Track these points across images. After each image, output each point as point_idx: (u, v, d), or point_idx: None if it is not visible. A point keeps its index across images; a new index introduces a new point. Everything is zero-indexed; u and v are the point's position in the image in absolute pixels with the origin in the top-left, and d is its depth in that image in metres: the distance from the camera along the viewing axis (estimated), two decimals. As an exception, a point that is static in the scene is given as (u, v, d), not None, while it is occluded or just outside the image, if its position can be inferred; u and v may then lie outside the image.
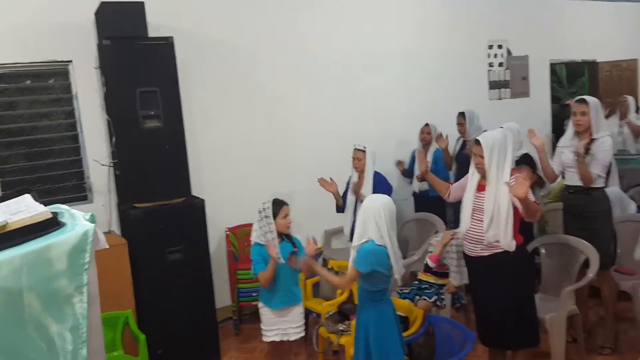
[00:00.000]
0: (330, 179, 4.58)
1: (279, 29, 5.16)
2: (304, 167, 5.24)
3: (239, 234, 4.98)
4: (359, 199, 4.45)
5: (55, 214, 1.37)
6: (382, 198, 2.94)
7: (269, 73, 5.12)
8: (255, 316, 4.85)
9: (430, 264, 3.79)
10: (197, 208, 4.13)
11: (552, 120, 7.36)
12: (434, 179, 3.65)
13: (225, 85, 4.90)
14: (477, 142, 3.07)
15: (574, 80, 9.67)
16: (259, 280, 3.41)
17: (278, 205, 3.40)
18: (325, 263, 4.94)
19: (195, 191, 4.30)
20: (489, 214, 3.01)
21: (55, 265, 1.24)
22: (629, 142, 6.18)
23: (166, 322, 3.90)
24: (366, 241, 2.82)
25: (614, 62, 7.88)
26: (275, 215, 3.36)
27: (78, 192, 4.32)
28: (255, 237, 3.43)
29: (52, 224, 1.31)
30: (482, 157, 3.03)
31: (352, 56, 5.55)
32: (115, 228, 4.37)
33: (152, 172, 3.94)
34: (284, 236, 3.42)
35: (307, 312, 3.95)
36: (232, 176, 4.93)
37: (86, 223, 1.35)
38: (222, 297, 4.73)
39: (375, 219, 2.80)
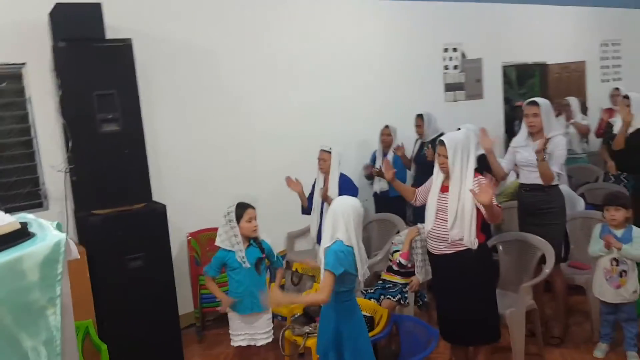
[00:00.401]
0: (296, 179, 4.58)
1: (241, 31, 5.14)
2: (268, 169, 5.23)
3: (200, 239, 4.92)
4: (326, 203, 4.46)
5: (24, 224, 1.33)
6: (351, 200, 2.96)
7: (232, 75, 5.09)
8: (219, 322, 4.85)
9: (403, 261, 3.85)
10: (158, 213, 4.06)
11: (504, 121, 7.59)
12: (401, 185, 3.73)
13: (187, 88, 4.84)
14: (442, 142, 3.14)
15: (523, 81, 9.98)
16: (205, 282, 3.49)
17: (241, 208, 3.37)
18: (289, 265, 4.94)
19: (156, 196, 4.22)
20: (453, 213, 3.09)
21: (28, 277, 1.20)
22: (575, 142, 6.43)
23: (128, 331, 3.81)
24: (334, 242, 2.82)
25: (563, 64, 8.17)
26: (238, 218, 3.34)
27: (33, 199, 4.17)
28: (219, 242, 3.40)
29: (21, 235, 1.27)
30: (446, 157, 3.11)
31: (314, 59, 5.59)
32: (73, 236, 4.24)
33: (110, 178, 3.85)
34: (252, 240, 3.39)
35: (273, 316, 3.94)
36: (193, 180, 4.87)
37: (57, 233, 1.31)
38: (185, 303, 4.65)
39: (344, 220, 2.81)
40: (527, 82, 9.85)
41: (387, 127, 5.54)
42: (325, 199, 4.48)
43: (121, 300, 3.80)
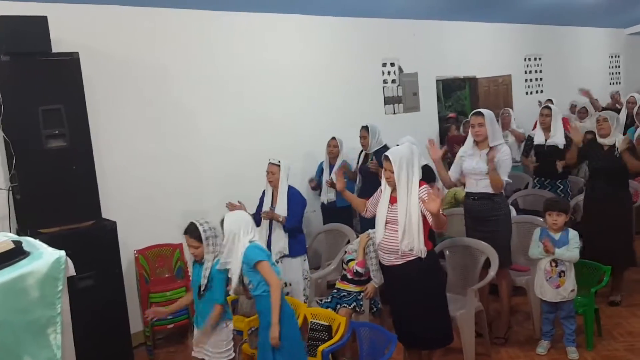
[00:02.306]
0: (239, 202, 4.49)
1: (188, 46, 5.12)
2: (216, 183, 5.21)
3: (149, 256, 4.82)
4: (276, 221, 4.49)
5: (17, 242, 1.30)
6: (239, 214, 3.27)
7: (180, 90, 5.05)
8: (170, 340, 4.77)
9: (360, 270, 3.93)
10: (108, 231, 3.97)
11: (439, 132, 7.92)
12: (351, 197, 3.81)
13: (134, 102, 4.75)
14: (387, 157, 3.26)
15: (450, 95, 10.48)
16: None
17: (185, 231, 3.40)
18: (241, 280, 4.93)
19: (103, 212, 4.12)
20: (402, 225, 3.20)
21: (30, 295, 1.18)
22: (513, 149, 6.80)
23: (78, 352, 3.64)
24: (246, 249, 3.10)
25: (491, 78, 8.64)
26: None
27: (-29, 220, 3.96)
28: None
29: (17, 253, 1.24)
30: (392, 172, 3.23)
31: (259, 74, 5.63)
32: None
33: (57, 195, 3.74)
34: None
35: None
36: (140, 195, 4.77)
37: (55, 250, 1.29)
38: (134, 322, 4.53)
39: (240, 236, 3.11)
40: (452, 95, 10.35)
41: (333, 138, 5.66)
42: (273, 218, 4.49)
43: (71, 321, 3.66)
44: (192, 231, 3.34)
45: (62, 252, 1.29)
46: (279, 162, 4.55)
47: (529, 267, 4.27)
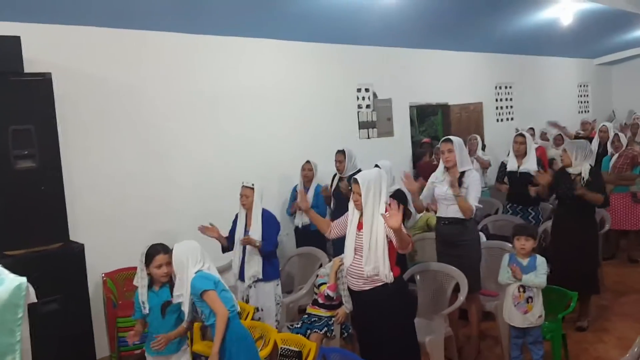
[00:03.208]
0: (211, 224, 4.47)
1: (165, 68, 5.15)
2: (188, 205, 5.18)
3: (117, 279, 4.74)
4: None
5: (-24, 268, 1.28)
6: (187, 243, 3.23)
7: (154, 111, 5.05)
8: (138, 365, 4.66)
9: (331, 294, 3.93)
10: (75, 253, 3.91)
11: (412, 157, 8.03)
12: (316, 217, 3.82)
13: (107, 123, 4.75)
14: (355, 180, 3.29)
15: (424, 120, 10.65)
16: (135, 322, 3.37)
17: (152, 253, 3.27)
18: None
19: (71, 235, 4.06)
20: (367, 247, 3.21)
21: (-12, 323, 1.16)
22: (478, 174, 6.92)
23: (42, 379, 3.57)
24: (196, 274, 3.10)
25: (463, 105, 8.82)
26: (148, 262, 3.24)
27: None
28: (135, 281, 3.31)
29: (-24, 280, 1.23)
30: (360, 194, 3.25)
31: (235, 97, 5.68)
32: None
33: (25, 216, 3.68)
34: (163, 284, 3.30)
35: (196, 356, 3.87)
36: (109, 217, 4.73)
37: (15, 276, 1.28)
38: (101, 347, 4.45)
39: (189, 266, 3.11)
40: (426, 121, 10.53)
41: (308, 162, 5.69)
42: (250, 244, 4.46)
43: (34, 347, 3.56)
44: (166, 248, 3.29)
45: (24, 279, 1.28)
46: (253, 185, 4.51)
47: (498, 292, 4.32)
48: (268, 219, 4.51)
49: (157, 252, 3.27)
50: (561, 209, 4.79)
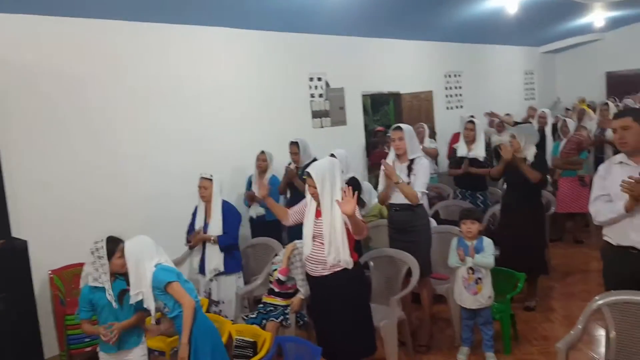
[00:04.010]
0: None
1: (112, 59, 4.99)
2: (140, 199, 5.07)
3: (65, 276, 4.59)
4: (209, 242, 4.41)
5: None
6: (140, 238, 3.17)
7: (99, 103, 4.89)
8: (89, 363, 4.55)
9: (282, 277, 3.94)
10: (18, 250, 3.77)
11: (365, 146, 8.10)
12: (274, 204, 3.81)
13: (51, 117, 4.57)
14: (308, 174, 3.30)
15: (377, 109, 10.73)
16: (81, 327, 3.25)
17: (113, 243, 3.20)
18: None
19: (14, 231, 3.90)
20: (328, 238, 3.25)
21: None
22: (428, 163, 7.04)
23: (-14, 381, 3.45)
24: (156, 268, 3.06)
25: (414, 94, 8.94)
26: (110, 254, 3.15)
27: None
28: (90, 281, 3.18)
29: None
30: (315, 187, 3.28)
31: (186, 87, 5.57)
32: None
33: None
34: (117, 275, 3.23)
35: (150, 351, 3.80)
36: (55, 213, 4.57)
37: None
38: (50, 346, 4.31)
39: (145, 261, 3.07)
40: (380, 110, 10.62)
41: (262, 152, 5.64)
42: (204, 240, 4.40)
43: (-23, 349, 3.44)
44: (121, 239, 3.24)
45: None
46: (211, 176, 4.45)
47: (448, 275, 4.42)
48: (228, 210, 4.46)
49: (117, 242, 3.20)
50: (509, 192, 4.93)
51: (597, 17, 10.39)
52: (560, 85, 13.56)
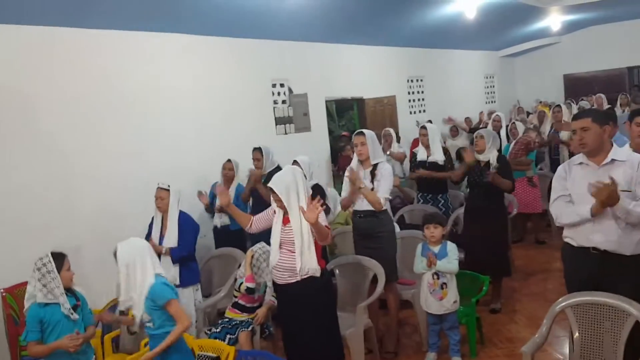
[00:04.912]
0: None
1: (57, 69, 4.78)
2: (91, 212, 4.89)
3: (18, 295, 4.37)
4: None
5: None
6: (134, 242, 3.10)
7: (49, 116, 4.69)
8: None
9: (250, 285, 3.86)
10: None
11: (330, 151, 8.07)
12: (236, 211, 3.73)
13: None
14: (271, 189, 3.26)
15: (342, 114, 10.76)
16: (28, 350, 3.11)
17: (59, 258, 3.14)
18: (124, 314, 4.63)
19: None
20: (299, 247, 3.21)
21: None
22: (396, 166, 7.08)
23: None
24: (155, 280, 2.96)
25: (377, 99, 8.97)
26: (59, 268, 3.10)
27: None
28: (40, 297, 3.06)
29: None
30: (280, 200, 3.24)
31: (144, 95, 5.42)
32: None
33: None
34: (67, 290, 3.15)
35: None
36: (5, 231, 4.36)
37: None
38: (2, 367, 4.12)
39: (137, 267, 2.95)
40: (345, 115, 10.65)
41: (229, 161, 5.52)
42: (159, 252, 4.28)
43: None
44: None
45: None
46: (169, 186, 4.37)
47: (415, 280, 4.40)
48: (185, 221, 4.37)
49: (62, 256, 3.15)
50: (472, 195, 4.96)
51: (554, 21, 10.65)
52: (519, 88, 13.86)
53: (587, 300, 2.96)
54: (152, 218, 4.50)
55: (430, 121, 7.87)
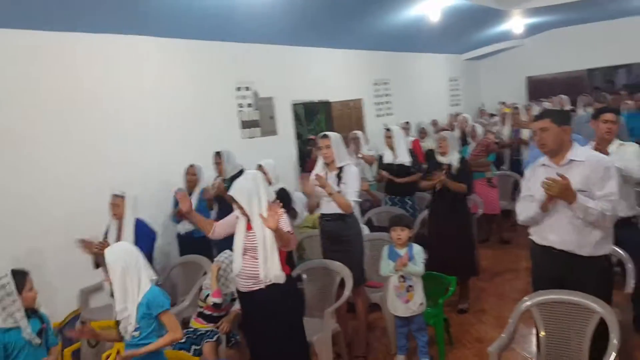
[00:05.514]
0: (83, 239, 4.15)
1: (16, 72, 4.61)
2: (53, 219, 4.72)
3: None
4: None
5: None
6: (124, 246, 3.01)
7: (7, 121, 4.51)
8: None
9: (218, 300, 3.76)
10: None
11: (298, 155, 8.01)
12: (198, 217, 3.65)
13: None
14: (232, 198, 3.20)
15: (311, 118, 10.72)
16: None
17: (21, 276, 2.94)
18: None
19: None
20: (262, 254, 3.15)
21: None
22: (366, 169, 7.07)
23: None
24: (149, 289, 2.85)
25: (344, 102, 8.96)
26: (20, 289, 2.90)
27: None
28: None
29: None
30: (242, 207, 3.19)
31: (103, 100, 5.25)
32: None
33: None
34: (29, 313, 2.96)
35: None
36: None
37: None
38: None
39: (131, 272, 2.83)
40: (314, 119, 10.62)
41: (192, 166, 5.42)
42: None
43: None
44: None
45: None
46: (123, 193, 4.28)
47: (383, 283, 4.37)
48: (141, 229, 4.27)
49: (24, 274, 2.95)
50: (436, 197, 4.99)
51: (516, 24, 10.83)
52: (483, 90, 14.06)
53: (552, 298, 2.98)
54: (107, 227, 4.38)
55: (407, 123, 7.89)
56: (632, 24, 12.12)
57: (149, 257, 4.29)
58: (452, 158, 4.78)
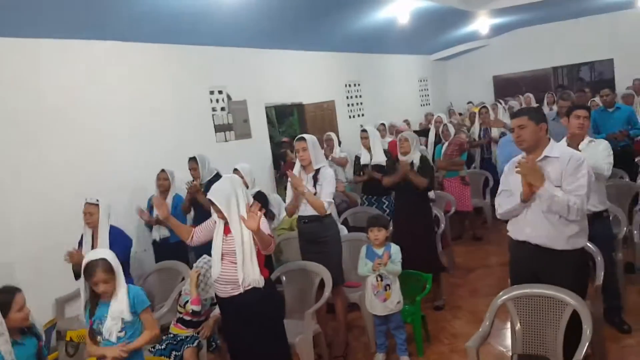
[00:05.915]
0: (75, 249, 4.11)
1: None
2: (27, 228, 4.63)
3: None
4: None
5: None
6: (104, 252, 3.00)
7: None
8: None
9: (196, 308, 3.74)
10: None
11: (272, 157, 8.02)
12: (176, 223, 3.64)
13: None
14: (211, 201, 3.20)
15: (283, 120, 10.74)
16: None
17: (7, 295, 2.71)
18: (61, 335, 4.42)
19: None
20: (240, 257, 3.15)
21: None
22: (339, 171, 7.13)
23: None
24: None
25: (317, 104, 9.00)
26: (5, 310, 2.64)
27: None
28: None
29: None
30: (220, 211, 3.19)
31: (71, 107, 5.16)
32: None
33: None
34: (24, 331, 2.80)
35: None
36: None
37: None
38: None
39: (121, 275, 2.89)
40: (286, 121, 10.63)
41: (163, 171, 5.39)
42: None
43: None
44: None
45: None
46: (97, 201, 4.22)
47: (361, 282, 4.43)
48: (116, 236, 4.22)
49: (13, 290, 2.75)
50: (398, 195, 5.10)
51: (482, 24, 11.04)
52: (452, 90, 14.27)
53: (527, 292, 3.07)
54: (82, 235, 4.32)
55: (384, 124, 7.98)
56: (594, 22, 12.50)
57: (125, 265, 4.26)
58: (414, 156, 4.87)
